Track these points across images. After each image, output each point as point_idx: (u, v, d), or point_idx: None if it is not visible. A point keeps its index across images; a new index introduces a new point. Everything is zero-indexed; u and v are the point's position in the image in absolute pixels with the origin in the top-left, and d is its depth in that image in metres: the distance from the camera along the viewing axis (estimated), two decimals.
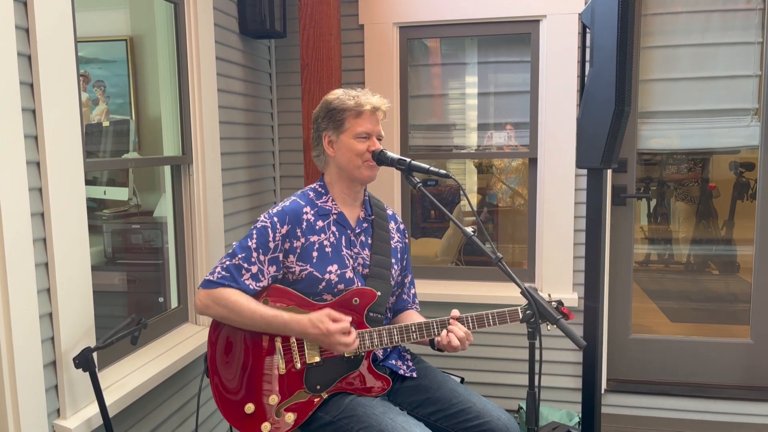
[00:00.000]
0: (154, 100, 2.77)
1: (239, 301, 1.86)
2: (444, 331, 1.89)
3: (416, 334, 1.91)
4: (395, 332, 1.91)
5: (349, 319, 1.84)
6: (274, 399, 1.90)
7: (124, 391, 2.04)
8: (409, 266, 2.23)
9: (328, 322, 1.81)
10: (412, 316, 2.13)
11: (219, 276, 1.90)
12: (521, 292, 1.72)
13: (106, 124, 2.80)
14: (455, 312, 1.92)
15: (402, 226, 2.20)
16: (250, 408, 1.90)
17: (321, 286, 1.93)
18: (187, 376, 2.52)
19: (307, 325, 1.83)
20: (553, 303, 1.91)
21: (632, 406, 3.33)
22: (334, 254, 1.96)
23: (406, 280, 2.21)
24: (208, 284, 1.91)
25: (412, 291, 2.24)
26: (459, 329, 1.88)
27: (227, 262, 1.91)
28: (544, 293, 1.96)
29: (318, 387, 1.90)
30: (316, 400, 1.90)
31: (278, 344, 1.92)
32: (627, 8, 2.22)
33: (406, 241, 2.21)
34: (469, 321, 1.92)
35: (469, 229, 1.78)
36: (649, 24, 3.24)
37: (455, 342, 1.86)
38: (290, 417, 1.88)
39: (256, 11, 3.00)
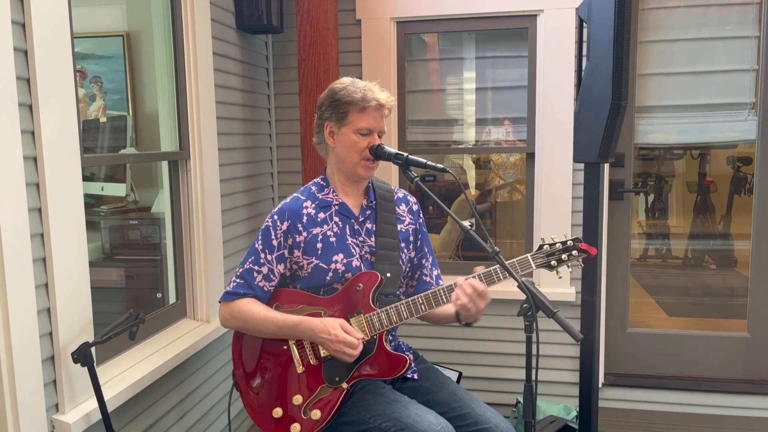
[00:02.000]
0: (151, 95, 2.77)
1: (251, 310, 1.94)
2: (452, 295, 1.84)
3: (425, 306, 1.89)
4: (403, 308, 1.90)
5: (361, 336, 1.85)
6: (298, 399, 1.92)
7: (123, 386, 2.04)
8: (427, 247, 2.18)
9: (339, 329, 1.84)
10: None
11: (235, 284, 1.99)
12: (518, 286, 1.72)
13: (103, 119, 2.80)
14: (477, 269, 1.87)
15: (415, 207, 2.17)
16: (278, 412, 1.93)
17: (329, 277, 1.95)
18: (185, 372, 2.52)
19: (319, 327, 1.86)
20: (569, 242, 1.86)
21: (630, 399, 3.35)
22: (338, 244, 1.98)
23: (424, 261, 2.17)
24: (226, 296, 2.00)
25: (435, 272, 2.19)
26: (466, 287, 1.80)
27: (240, 270, 2.00)
28: (558, 235, 1.91)
29: (337, 379, 1.91)
30: (339, 393, 1.91)
31: (292, 344, 1.96)
32: (624, 3, 2.22)
33: (421, 221, 2.18)
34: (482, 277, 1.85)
35: (466, 224, 1.78)
36: (646, 18, 3.25)
37: (462, 299, 1.79)
38: (316, 414, 1.90)
39: (252, 6, 2.99)
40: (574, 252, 1.86)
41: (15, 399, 1.67)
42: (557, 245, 1.88)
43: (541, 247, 1.89)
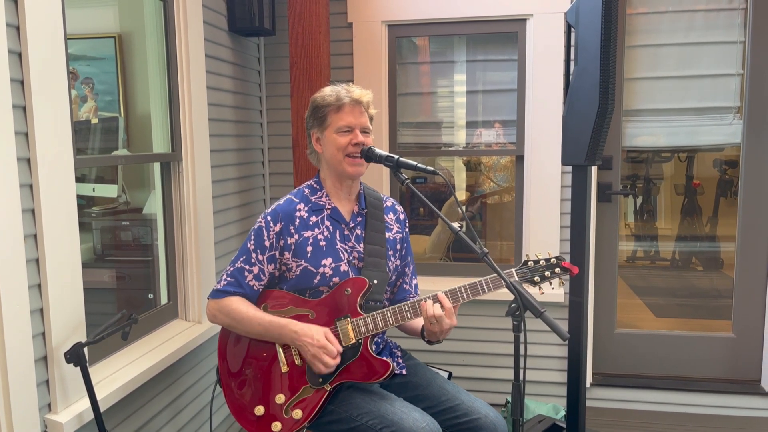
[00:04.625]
0: (143, 97, 2.78)
1: (240, 309, 1.95)
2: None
3: (410, 314, 1.93)
4: (389, 314, 1.93)
5: (340, 350, 1.89)
6: (280, 398, 1.94)
7: (115, 386, 2.05)
8: (410, 256, 2.24)
9: (322, 336, 1.87)
10: None
11: (225, 283, 2.00)
12: (506, 286, 1.75)
13: (94, 121, 2.80)
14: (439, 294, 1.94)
15: (402, 216, 2.22)
16: (260, 410, 1.95)
17: (316, 280, 1.97)
18: (177, 372, 2.53)
19: (303, 330, 1.88)
20: (552, 259, 1.94)
21: (617, 399, 3.38)
22: (328, 248, 2.00)
23: (406, 270, 2.22)
24: (215, 294, 2.00)
25: (414, 281, 2.25)
26: (430, 307, 1.88)
27: (231, 268, 2.01)
28: (542, 252, 1.98)
29: (320, 380, 1.93)
30: (321, 394, 1.93)
31: (278, 344, 1.97)
32: (611, 8, 2.26)
33: (407, 230, 2.23)
34: (463, 292, 1.93)
35: (456, 225, 1.81)
36: (633, 23, 3.29)
37: (429, 311, 1.87)
38: (298, 413, 1.92)
39: (245, 9, 3.01)
40: (557, 269, 1.93)
41: (8, 398, 1.68)
42: (541, 262, 1.95)
43: (525, 262, 1.96)
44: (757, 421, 3.22)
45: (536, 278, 1.93)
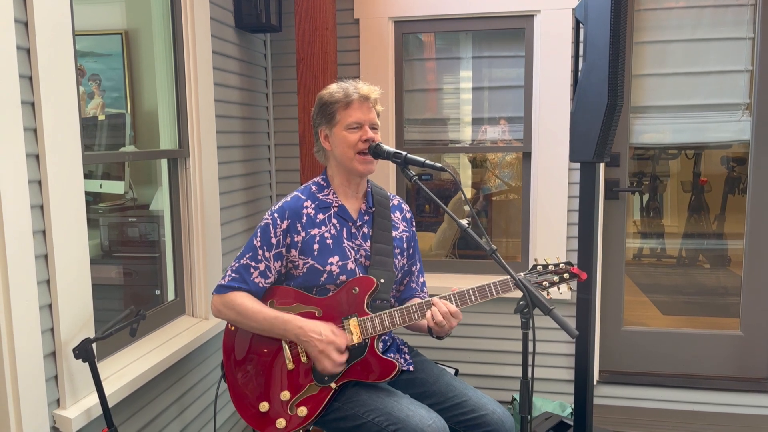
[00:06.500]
0: (150, 93, 2.78)
1: (245, 304, 1.94)
2: (428, 312, 1.90)
3: (417, 314, 1.93)
4: (396, 314, 1.93)
5: (346, 344, 1.89)
6: (286, 395, 1.94)
7: (123, 382, 2.06)
8: (417, 254, 2.24)
9: (329, 332, 1.86)
10: None
11: (230, 278, 1.99)
12: (514, 283, 1.75)
13: (101, 117, 2.80)
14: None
15: (409, 215, 2.22)
16: (264, 406, 1.95)
17: (323, 278, 1.97)
18: (184, 368, 2.54)
19: (309, 326, 1.89)
20: (561, 265, 1.94)
21: (624, 397, 3.38)
22: (335, 246, 1.99)
23: (414, 269, 2.22)
24: (220, 289, 2.00)
25: (421, 279, 2.25)
26: (442, 306, 1.89)
27: (236, 264, 2.00)
28: (550, 257, 1.98)
29: (326, 378, 1.93)
30: (327, 392, 1.93)
31: (284, 341, 1.97)
32: (620, 4, 2.24)
33: (413, 229, 2.23)
34: (465, 296, 1.93)
35: (464, 221, 1.81)
36: (641, 19, 3.27)
37: (438, 317, 1.87)
38: (303, 410, 1.92)
39: (251, 5, 3.01)
40: (566, 275, 1.94)
41: (17, 394, 1.69)
42: (550, 267, 1.96)
43: (534, 267, 1.96)
44: (764, 419, 3.21)
45: (545, 283, 1.93)
